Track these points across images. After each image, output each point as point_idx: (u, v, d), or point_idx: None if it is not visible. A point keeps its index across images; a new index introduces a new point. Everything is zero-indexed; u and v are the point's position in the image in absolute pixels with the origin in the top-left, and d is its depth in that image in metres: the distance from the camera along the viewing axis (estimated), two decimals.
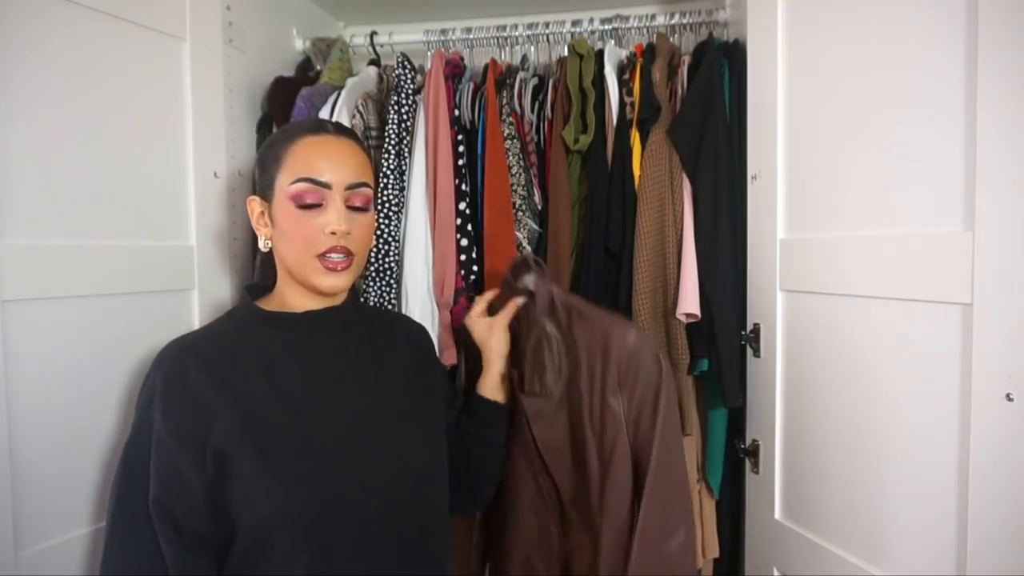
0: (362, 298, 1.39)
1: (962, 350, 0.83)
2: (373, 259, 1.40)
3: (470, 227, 1.41)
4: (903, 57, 0.91)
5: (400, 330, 1.05)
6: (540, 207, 1.49)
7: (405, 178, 1.44)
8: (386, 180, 1.40)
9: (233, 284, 1.33)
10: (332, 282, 0.89)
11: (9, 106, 0.91)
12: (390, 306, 1.40)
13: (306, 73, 1.64)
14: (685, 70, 1.36)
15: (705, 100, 1.30)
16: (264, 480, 0.80)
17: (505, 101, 1.43)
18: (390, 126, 1.42)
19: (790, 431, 1.15)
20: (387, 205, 1.40)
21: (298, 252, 0.88)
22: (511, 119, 1.42)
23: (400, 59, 1.45)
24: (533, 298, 1.09)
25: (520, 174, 1.42)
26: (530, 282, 1.09)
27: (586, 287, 1.39)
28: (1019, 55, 0.76)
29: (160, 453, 0.81)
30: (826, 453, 1.06)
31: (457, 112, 1.45)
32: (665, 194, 1.33)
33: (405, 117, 1.44)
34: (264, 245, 0.92)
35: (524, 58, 1.59)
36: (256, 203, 0.93)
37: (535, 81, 1.53)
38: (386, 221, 1.40)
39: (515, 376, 1.10)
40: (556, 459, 1.07)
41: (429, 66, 1.47)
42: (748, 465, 1.27)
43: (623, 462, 1.00)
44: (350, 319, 0.97)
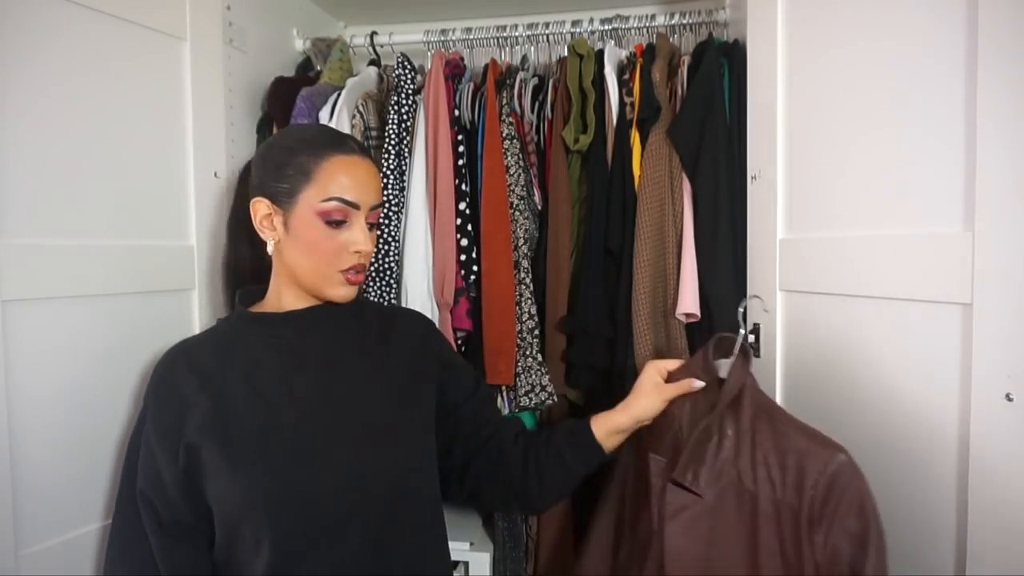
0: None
1: (962, 350, 0.82)
2: (373, 259, 1.40)
3: (470, 227, 1.41)
4: (903, 57, 0.91)
5: (401, 328, 1.03)
6: (540, 207, 1.49)
7: (405, 178, 1.44)
8: (386, 180, 1.40)
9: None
10: (348, 292, 0.92)
11: (10, 106, 0.91)
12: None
13: (306, 73, 1.64)
14: (685, 70, 1.37)
15: (705, 100, 1.30)
16: (228, 470, 0.84)
17: (505, 101, 1.43)
18: (390, 126, 1.42)
19: None
20: (387, 205, 1.40)
21: (320, 265, 0.90)
22: (511, 119, 1.42)
23: (400, 59, 1.45)
24: (720, 385, 0.95)
25: (519, 174, 1.42)
26: (724, 369, 0.96)
27: (586, 287, 1.39)
28: (1019, 55, 0.76)
29: (145, 448, 0.88)
30: None
31: (457, 112, 1.45)
32: (665, 194, 1.33)
33: (405, 117, 1.44)
34: (270, 249, 0.93)
35: (524, 58, 1.59)
36: (263, 205, 0.91)
37: (535, 81, 1.54)
38: (386, 221, 1.40)
39: (661, 463, 0.95)
40: (680, 570, 0.89)
41: (429, 66, 1.48)
42: None
43: None
44: (340, 316, 0.97)
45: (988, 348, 0.79)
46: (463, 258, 1.41)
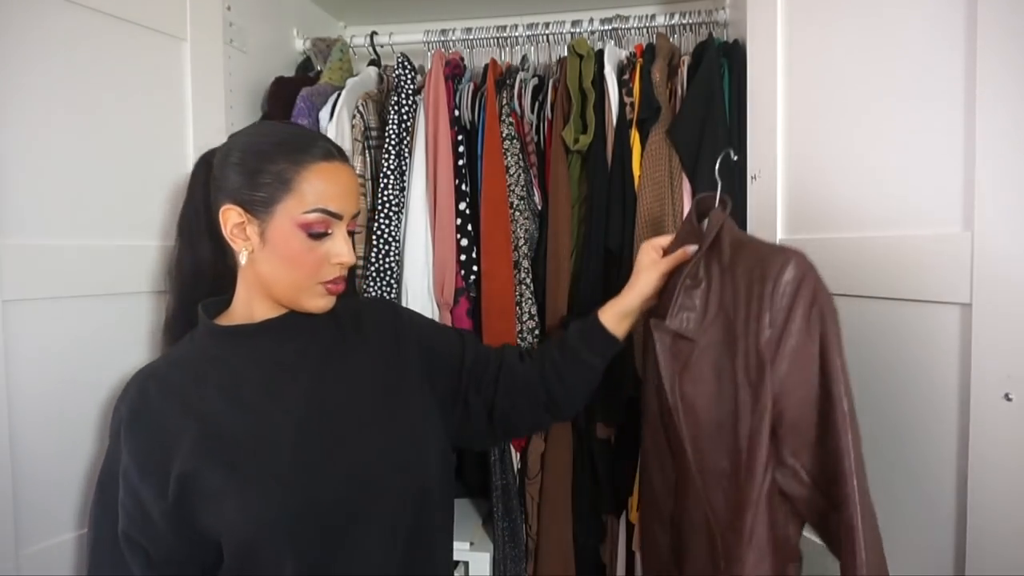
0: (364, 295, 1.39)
1: (961, 350, 0.83)
2: (373, 259, 1.40)
3: (470, 227, 1.41)
4: (903, 58, 0.91)
5: (367, 318, 1.00)
6: (540, 207, 1.49)
7: (405, 178, 1.44)
8: (386, 180, 1.41)
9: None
10: (327, 303, 0.89)
11: (10, 106, 0.91)
12: None
13: (306, 73, 1.64)
14: (685, 70, 1.37)
15: (705, 100, 1.30)
16: (236, 494, 0.79)
17: (505, 101, 1.43)
18: (390, 126, 1.42)
19: None
20: (387, 205, 1.40)
21: (300, 278, 0.86)
22: (511, 119, 1.43)
23: (400, 59, 1.45)
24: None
25: (519, 174, 1.42)
26: (707, 222, 0.97)
27: (586, 287, 1.39)
28: (1019, 55, 0.76)
29: (124, 485, 0.81)
30: None
31: (457, 112, 1.45)
32: (665, 194, 1.33)
33: (405, 117, 1.44)
34: (242, 260, 0.87)
35: (524, 58, 1.59)
36: (234, 213, 0.84)
37: (535, 81, 1.54)
38: (386, 221, 1.40)
39: (660, 323, 0.94)
40: (689, 413, 0.89)
41: (429, 66, 1.48)
42: None
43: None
44: (315, 318, 0.92)
45: (987, 348, 0.79)
46: (463, 258, 1.41)
